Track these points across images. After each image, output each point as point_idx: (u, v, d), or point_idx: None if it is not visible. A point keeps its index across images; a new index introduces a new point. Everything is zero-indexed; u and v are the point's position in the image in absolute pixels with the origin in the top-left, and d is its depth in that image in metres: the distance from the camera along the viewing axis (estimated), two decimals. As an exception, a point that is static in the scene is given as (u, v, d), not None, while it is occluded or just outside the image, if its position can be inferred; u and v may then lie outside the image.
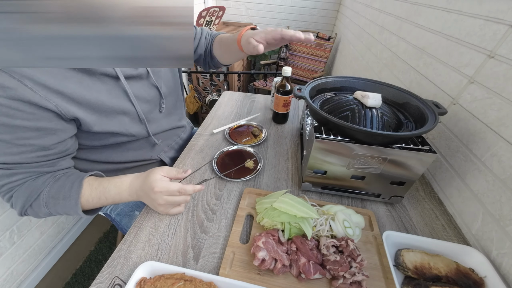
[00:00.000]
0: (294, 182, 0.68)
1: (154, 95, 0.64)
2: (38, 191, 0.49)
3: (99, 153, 0.62)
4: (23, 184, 0.49)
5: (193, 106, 2.20)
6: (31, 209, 0.50)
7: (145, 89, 0.61)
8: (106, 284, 0.43)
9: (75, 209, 0.50)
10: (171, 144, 0.79)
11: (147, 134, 0.64)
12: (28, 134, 0.44)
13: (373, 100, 0.57)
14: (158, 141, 0.69)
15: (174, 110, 0.75)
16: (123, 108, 0.56)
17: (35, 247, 0.98)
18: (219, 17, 2.33)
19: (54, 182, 0.50)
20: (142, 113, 0.60)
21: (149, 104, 0.63)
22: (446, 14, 0.73)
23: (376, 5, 1.38)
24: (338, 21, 2.50)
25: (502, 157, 0.49)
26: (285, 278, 0.45)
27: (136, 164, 0.70)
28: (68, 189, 0.49)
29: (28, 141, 0.45)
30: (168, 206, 0.52)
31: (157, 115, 0.67)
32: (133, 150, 0.66)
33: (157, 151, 0.73)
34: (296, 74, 2.49)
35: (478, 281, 0.45)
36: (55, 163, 0.51)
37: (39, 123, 0.44)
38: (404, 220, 0.59)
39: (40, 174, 0.50)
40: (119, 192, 0.52)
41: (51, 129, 0.46)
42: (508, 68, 0.51)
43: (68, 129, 0.50)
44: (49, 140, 0.47)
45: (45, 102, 0.43)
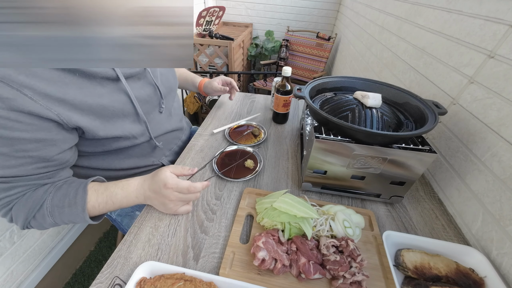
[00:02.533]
0: (294, 182, 0.68)
1: (153, 95, 0.64)
2: (41, 201, 0.47)
3: (101, 160, 0.61)
4: (22, 197, 0.47)
5: (193, 106, 2.20)
6: (35, 221, 0.48)
7: (145, 89, 0.61)
8: (106, 284, 0.43)
9: (81, 215, 0.48)
10: (172, 148, 0.78)
11: (149, 136, 0.64)
12: (27, 146, 0.43)
13: (373, 100, 0.57)
14: (159, 143, 0.69)
15: (173, 111, 0.75)
16: (124, 110, 0.55)
17: (35, 247, 0.98)
18: (219, 17, 2.33)
19: (56, 191, 0.49)
20: (143, 114, 0.60)
21: (149, 105, 0.63)
22: (446, 14, 0.73)
23: (376, 5, 1.38)
24: (338, 21, 2.50)
25: (502, 157, 0.49)
26: (285, 278, 0.45)
27: (138, 170, 0.70)
28: (73, 196, 0.48)
29: (27, 153, 0.43)
30: (178, 203, 0.52)
31: (157, 116, 0.67)
32: (135, 156, 0.66)
33: (158, 155, 0.72)
34: (296, 74, 2.49)
35: (478, 281, 0.45)
36: (54, 175, 0.50)
37: (38, 134, 0.43)
38: (404, 220, 0.59)
39: (40, 187, 0.49)
40: (126, 195, 0.52)
41: (51, 140, 0.45)
42: (508, 68, 0.51)
43: (69, 139, 0.48)
44: (49, 152, 0.46)
45: (46, 112, 0.42)
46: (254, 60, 2.88)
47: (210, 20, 2.19)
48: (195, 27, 2.03)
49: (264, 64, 2.46)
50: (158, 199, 0.52)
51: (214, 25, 2.28)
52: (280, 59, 2.44)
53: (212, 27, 2.24)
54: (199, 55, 2.11)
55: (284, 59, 2.43)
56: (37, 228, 0.50)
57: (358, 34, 1.70)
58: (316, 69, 2.38)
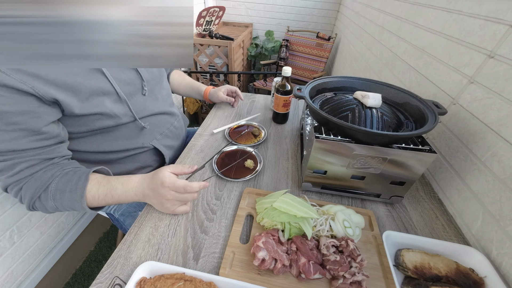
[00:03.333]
0: (294, 182, 0.68)
1: (134, 77, 0.64)
2: (47, 183, 0.49)
3: (90, 143, 0.62)
4: (32, 177, 0.50)
5: (193, 106, 2.20)
6: (39, 202, 0.50)
7: (124, 71, 0.62)
8: (106, 284, 0.43)
9: (80, 202, 0.50)
10: (164, 132, 0.77)
11: (133, 116, 0.64)
12: (14, 119, 0.44)
13: (373, 100, 0.57)
14: (145, 123, 0.68)
15: (160, 96, 0.75)
16: (102, 89, 0.56)
17: (35, 247, 0.98)
18: (219, 17, 2.33)
19: (62, 176, 0.51)
20: (123, 94, 0.60)
21: (131, 87, 0.63)
22: (446, 14, 0.73)
23: (376, 5, 1.38)
24: (338, 21, 2.50)
25: (502, 157, 0.49)
26: (285, 278, 0.45)
27: (130, 153, 0.69)
28: (75, 182, 0.50)
29: (16, 126, 0.45)
30: (175, 202, 0.52)
31: (140, 98, 0.67)
32: (123, 138, 0.66)
33: (148, 137, 0.71)
34: (296, 74, 2.48)
35: (478, 281, 0.45)
36: (52, 150, 0.52)
37: (21, 106, 0.44)
38: (404, 220, 0.59)
39: (42, 162, 0.51)
40: (125, 191, 0.52)
41: (34, 112, 0.46)
42: (508, 68, 0.51)
43: (52, 112, 0.50)
44: (36, 124, 0.47)
45: (21, 85, 0.43)
46: (254, 60, 2.88)
47: (210, 20, 2.19)
48: (195, 27, 2.03)
49: (264, 64, 2.46)
50: (156, 198, 0.52)
51: (214, 25, 2.28)
52: (280, 59, 2.44)
53: (212, 27, 2.24)
54: (199, 55, 2.11)
55: (284, 59, 2.43)
56: (41, 210, 0.52)
57: (358, 34, 1.70)
58: (316, 69, 2.38)
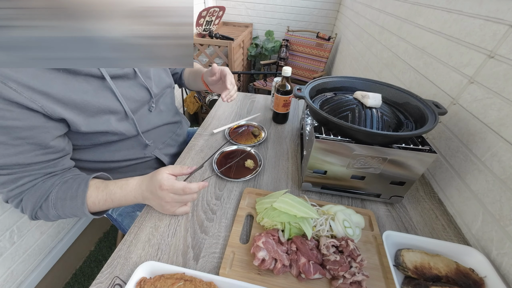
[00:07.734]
0: (294, 182, 0.68)
1: (144, 95, 0.64)
2: (47, 193, 0.49)
3: (92, 153, 0.62)
4: (32, 188, 0.49)
5: (193, 106, 2.20)
6: (41, 211, 0.50)
7: (134, 89, 0.61)
8: (106, 284, 0.43)
9: (81, 209, 0.50)
10: (166, 141, 0.77)
11: (136, 132, 0.64)
12: (23, 134, 0.44)
13: (373, 100, 0.57)
14: (149, 141, 0.68)
15: (164, 107, 0.74)
16: (110, 107, 0.55)
17: (35, 247, 0.98)
18: (219, 17, 2.33)
19: (62, 184, 0.51)
20: (130, 111, 0.60)
21: (138, 103, 0.63)
22: (446, 14, 0.73)
23: (376, 5, 1.38)
24: (338, 21, 2.50)
25: (502, 157, 0.49)
26: (285, 278, 0.45)
27: (131, 162, 0.69)
28: (75, 190, 0.50)
29: (24, 140, 0.45)
30: (175, 204, 0.52)
31: (146, 113, 0.67)
32: (125, 149, 0.66)
33: (150, 149, 0.72)
34: (296, 74, 2.48)
35: (478, 281, 0.45)
36: (56, 163, 0.51)
37: (30, 122, 0.44)
38: (404, 220, 0.59)
39: (45, 175, 0.50)
40: (124, 195, 0.52)
41: (43, 127, 0.46)
42: (508, 68, 0.51)
43: (59, 127, 0.50)
44: (44, 138, 0.47)
45: (30, 104, 0.43)
46: (254, 60, 2.88)
47: (210, 20, 2.19)
48: (195, 27, 2.03)
49: (264, 64, 2.46)
50: (155, 200, 0.52)
51: (214, 25, 2.28)
52: (280, 59, 2.44)
53: (212, 27, 2.24)
54: (199, 55, 2.11)
55: (284, 59, 2.43)
56: (43, 219, 0.52)
57: (358, 34, 1.70)
58: (316, 69, 2.37)
